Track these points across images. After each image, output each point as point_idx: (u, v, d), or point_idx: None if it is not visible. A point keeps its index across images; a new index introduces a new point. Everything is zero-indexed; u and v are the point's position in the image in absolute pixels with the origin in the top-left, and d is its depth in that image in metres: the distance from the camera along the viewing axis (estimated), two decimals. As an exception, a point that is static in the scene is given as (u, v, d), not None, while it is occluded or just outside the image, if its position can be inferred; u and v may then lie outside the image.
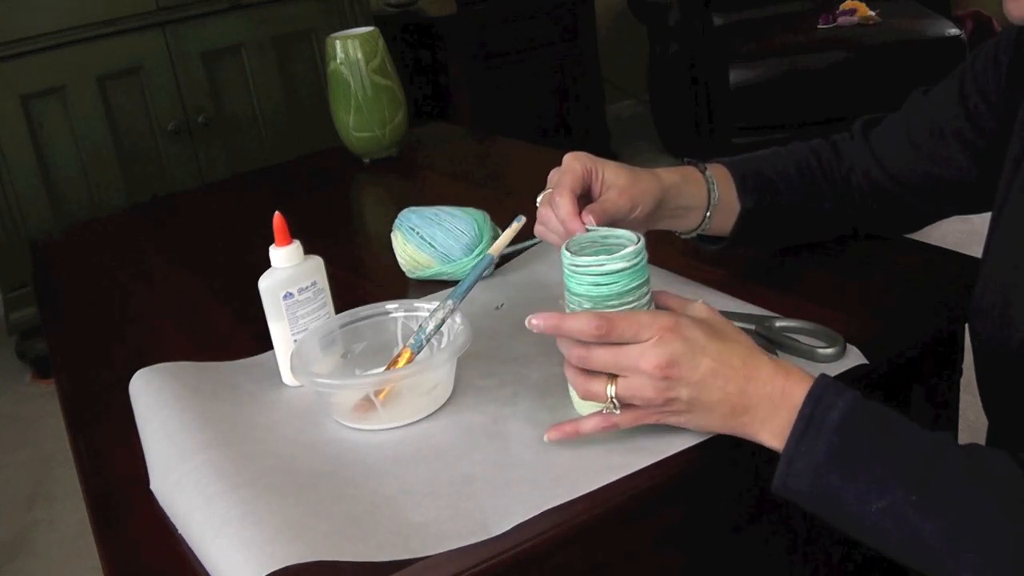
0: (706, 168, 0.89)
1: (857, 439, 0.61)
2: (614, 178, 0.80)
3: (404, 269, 1.05)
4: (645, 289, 0.70)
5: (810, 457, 0.62)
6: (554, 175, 0.81)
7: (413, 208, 1.06)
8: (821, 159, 0.93)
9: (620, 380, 0.66)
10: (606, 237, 0.74)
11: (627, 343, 0.65)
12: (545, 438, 0.71)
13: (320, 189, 1.55)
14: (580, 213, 0.76)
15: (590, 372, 0.68)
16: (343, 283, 0.97)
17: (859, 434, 0.62)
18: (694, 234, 0.90)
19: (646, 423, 0.69)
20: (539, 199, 0.81)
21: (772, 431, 0.65)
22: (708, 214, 0.88)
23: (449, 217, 1.03)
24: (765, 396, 0.65)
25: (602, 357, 0.66)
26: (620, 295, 0.69)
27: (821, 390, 0.64)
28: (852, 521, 0.62)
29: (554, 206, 0.77)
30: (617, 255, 0.69)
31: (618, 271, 0.68)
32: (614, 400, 0.67)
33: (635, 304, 0.70)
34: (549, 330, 0.67)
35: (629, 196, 0.79)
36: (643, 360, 0.65)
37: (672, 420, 0.68)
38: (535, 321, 0.67)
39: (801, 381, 0.65)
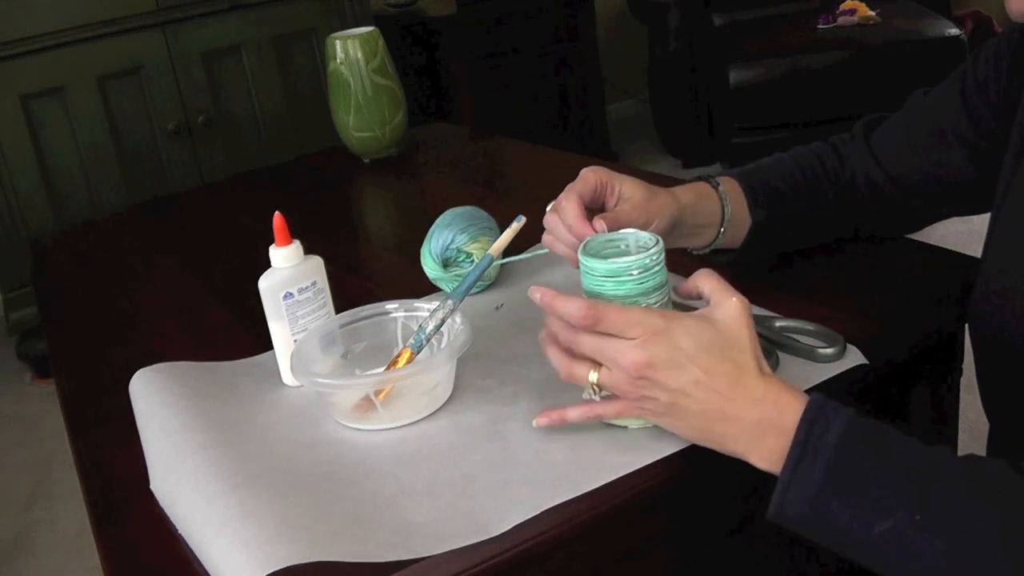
0: (719, 183, 0.88)
1: (854, 462, 0.60)
2: (631, 192, 0.80)
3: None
4: (662, 291, 0.70)
5: (807, 485, 0.60)
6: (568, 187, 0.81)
7: (442, 221, 1.01)
8: (825, 164, 0.93)
9: (603, 369, 0.67)
10: (625, 238, 0.74)
11: (613, 336, 0.65)
12: (534, 423, 0.72)
13: (320, 189, 1.55)
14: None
15: (575, 356, 0.69)
16: (343, 283, 0.97)
17: (856, 457, 0.60)
18: (707, 250, 0.90)
19: (628, 416, 0.70)
20: (548, 207, 0.80)
21: (760, 456, 0.63)
22: (722, 230, 0.87)
23: (464, 213, 1.02)
24: (751, 422, 0.63)
25: (587, 344, 0.67)
26: (635, 296, 0.69)
27: (814, 413, 0.62)
28: (852, 546, 0.60)
29: (560, 210, 0.77)
30: (634, 257, 0.69)
31: (634, 272, 0.68)
32: (595, 387, 0.68)
33: (650, 305, 0.69)
34: (544, 304, 0.68)
35: (644, 211, 0.79)
36: (621, 356, 0.65)
37: (651, 418, 0.68)
38: (537, 292, 0.69)
39: (791, 405, 0.63)
